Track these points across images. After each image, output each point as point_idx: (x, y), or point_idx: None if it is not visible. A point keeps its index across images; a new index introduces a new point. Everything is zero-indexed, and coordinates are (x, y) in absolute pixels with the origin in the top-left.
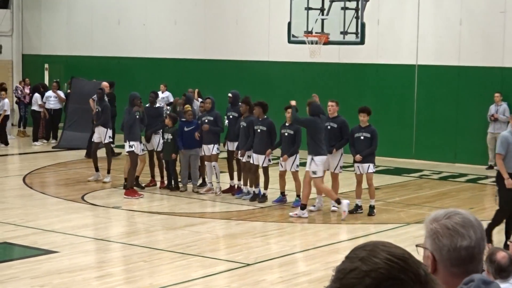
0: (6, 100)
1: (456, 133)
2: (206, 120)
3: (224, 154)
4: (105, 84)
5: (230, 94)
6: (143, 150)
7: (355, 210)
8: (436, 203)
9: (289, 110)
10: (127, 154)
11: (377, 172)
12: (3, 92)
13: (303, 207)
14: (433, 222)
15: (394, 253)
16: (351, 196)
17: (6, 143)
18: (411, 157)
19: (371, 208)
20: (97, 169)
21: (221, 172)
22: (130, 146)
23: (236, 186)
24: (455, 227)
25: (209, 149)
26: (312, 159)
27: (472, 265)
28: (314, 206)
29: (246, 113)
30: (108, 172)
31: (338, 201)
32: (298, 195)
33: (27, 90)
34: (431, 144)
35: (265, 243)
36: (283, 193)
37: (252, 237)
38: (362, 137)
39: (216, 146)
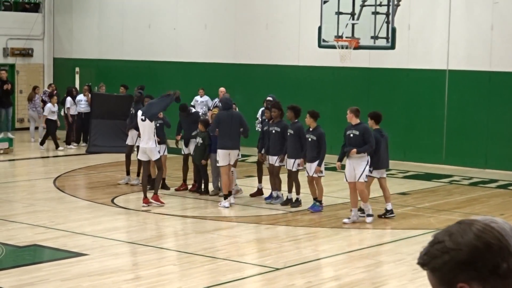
0: (49, 104)
1: (487, 138)
2: None
3: (254, 158)
4: (222, 89)
5: (269, 98)
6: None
7: (384, 214)
8: (467, 209)
9: (308, 116)
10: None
11: (407, 177)
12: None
13: (226, 197)
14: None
15: (483, 238)
16: (380, 200)
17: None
18: (441, 163)
19: (387, 211)
20: (128, 172)
21: (250, 176)
22: (159, 152)
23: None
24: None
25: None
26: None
27: None
28: (348, 218)
29: (278, 118)
30: (138, 175)
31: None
32: (319, 200)
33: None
34: (461, 150)
35: (295, 247)
36: (316, 199)
37: (282, 241)
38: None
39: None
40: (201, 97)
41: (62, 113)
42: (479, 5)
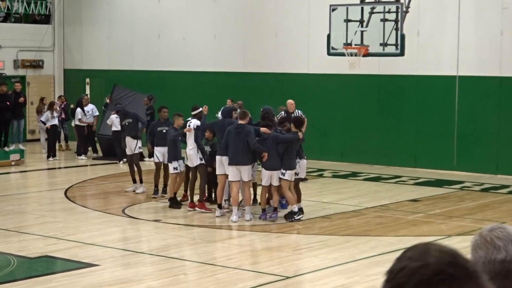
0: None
1: (498, 144)
2: None
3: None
4: (290, 101)
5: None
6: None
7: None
8: (478, 215)
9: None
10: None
11: (418, 183)
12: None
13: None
14: (477, 235)
15: (443, 249)
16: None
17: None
18: (452, 169)
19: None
20: (134, 181)
21: None
22: (201, 159)
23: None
24: (493, 239)
25: None
26: None
27: (508, 281)
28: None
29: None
30: (141, 182)
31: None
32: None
33: (62, 106)
34: (472, 156)
35: (305, 256)
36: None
37: (292, 249)
38: None
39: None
40: None
41: (72, 124)
42: (489, 11)
